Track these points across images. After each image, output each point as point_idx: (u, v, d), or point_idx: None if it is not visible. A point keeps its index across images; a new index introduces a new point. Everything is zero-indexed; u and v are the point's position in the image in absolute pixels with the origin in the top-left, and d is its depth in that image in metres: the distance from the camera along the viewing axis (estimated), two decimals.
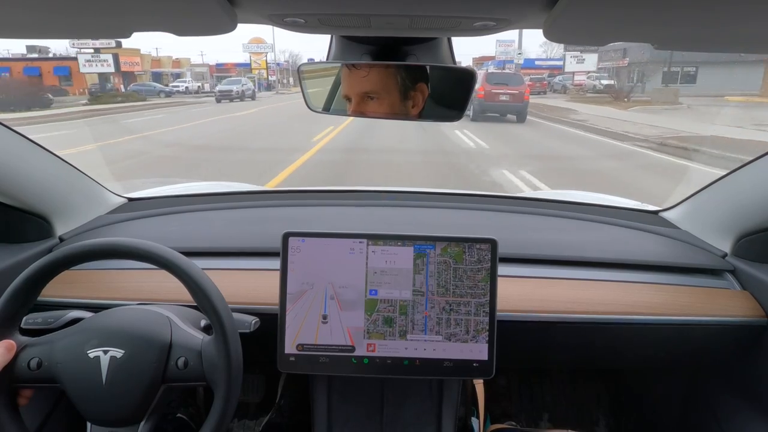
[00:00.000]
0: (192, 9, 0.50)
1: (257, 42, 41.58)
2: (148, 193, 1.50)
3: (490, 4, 0.52)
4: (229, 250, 1.13)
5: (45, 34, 0.63)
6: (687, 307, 1.00)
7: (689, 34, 0.55)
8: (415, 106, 0.82)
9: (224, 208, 1.36)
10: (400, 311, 0.89)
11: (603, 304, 1.00)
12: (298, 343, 0.89)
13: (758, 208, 1.01)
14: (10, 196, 1.02)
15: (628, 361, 1.19)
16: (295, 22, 0.58)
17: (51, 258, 0.74)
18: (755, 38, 0.56)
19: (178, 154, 8.33)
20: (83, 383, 0.71)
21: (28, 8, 0.49)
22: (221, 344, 0.73)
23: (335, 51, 0.82)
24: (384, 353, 0.89)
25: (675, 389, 1.33)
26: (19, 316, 0.75)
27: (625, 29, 0.53)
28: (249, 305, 0.96)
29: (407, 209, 1.38)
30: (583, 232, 1.27)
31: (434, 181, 6.22)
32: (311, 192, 1.52)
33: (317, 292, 0.89)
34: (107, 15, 0.53)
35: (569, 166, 7.55)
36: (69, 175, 1.17)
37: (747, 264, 1.07)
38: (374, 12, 0.55)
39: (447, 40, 0.82)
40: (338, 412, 1.06)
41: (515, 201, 1.44)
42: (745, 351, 1.04)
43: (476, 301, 0.89)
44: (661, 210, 1.35)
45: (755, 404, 1.06)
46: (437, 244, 0.89)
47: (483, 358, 0.89)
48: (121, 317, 0.77)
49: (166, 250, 0.75)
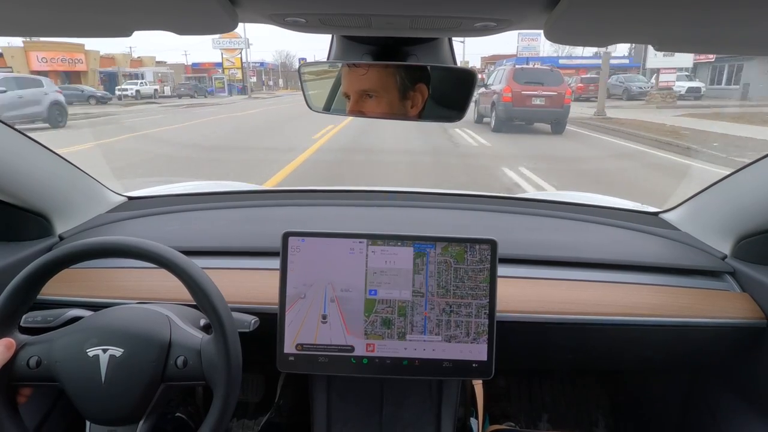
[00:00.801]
0: (192, 8, 0.50)
1: (230, 37, 37.39)
2: (148, 192, 1.50)
3: (491, 5, 0.52)
4: (229, 250, 1.13)
5: (44, 33, 0.63)
6: (687, 309, 1.00)
7: (690, 35, 0.55)
8: (414, 106, 0.82)
9: (224, 208, 1.36)
10: (399, 312, 0.89)
11: (603, 305, 1.00)
12: (298, 342, 0.89)
13: (758, 210, 1.01)
14: (10, 195, 1.02)
15: (628, 362, 1.19)
16: (296, 22, 0.58)
17: (51, 256, 0.74)
18: (756, 40, 0.56)
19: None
20: (82, 382, 0.71)
21: (28, 6, 0.49)
22: (221, 343, 0.73)
23: (336, 51, 0.82)
24: (383, 353, 0.89)
25: (674, 390, 1.33)
26: (18, 314, 0.75)
27: (627, 30, 0.53)
28: (248, 305, 0.96)
29: (407, 209, 1.38)
30: (583, 233, 1.27)
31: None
32: (311, 192, 1.52)
33: (317, 291, 0.89)
34: (107, 13, 0.53)
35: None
36: (69, 174, 1.17)
37: (747, 266, 1.07)
38: (375, 12, 0.55)
39: (448, 40, 0.82)
40: (337, 412, 1.06)
41: (515, 201, 1.44)
42: (745, 352, 1.04)
43: (477, 303, 0.89)
44: (660, 211, 1.35)
45: (754, 405, 1.06)
46: (437, 244, 0.89)
47: (482, 359, 0.89)
48: (120, 316, 0.77)
49: (166, 249, 0.75)
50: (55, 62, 28.34)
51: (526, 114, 10.70)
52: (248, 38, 38.33)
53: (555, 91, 10.46)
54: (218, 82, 40.32)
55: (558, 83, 10.74)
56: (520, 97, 10.42)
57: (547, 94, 10.43)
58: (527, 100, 10.43)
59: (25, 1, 0.47)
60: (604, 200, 1.58)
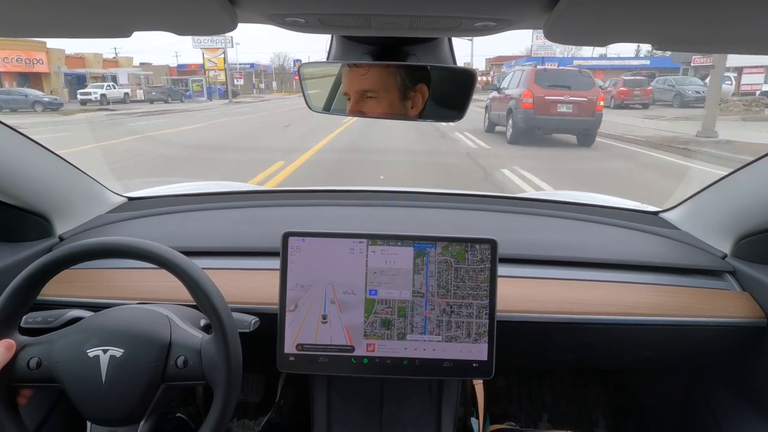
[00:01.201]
0: (192, 8, 0.50)
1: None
2: (148, 192, 1.50)
3: (491, 5, 0.52)
4: (229, 250, 1.13)
5: (44, 33, 0.63)
6: (687, 308, 1.00)
7: (690, 35, 0.55)
8: (414, 106, 0.82)
9: (224, 208, 1.36)
10: (399, 313, 0.89)
11: (603, 304, 1.00)
12: (298, 342, 0.89)
13: (758, 209, 1.01)
14: (11, 195, 1.02)
15: (628, 361, 1.19)
16: (296, 22, 0.58)
17: (51, 257, 0.74)
18: (756, 38, 0.56)
19: None
20: (83, 382, 0.71)
21: (27, 6, 0.49)
22: (221, 343, 0.73)
23: (335, 51, 0.82)
24: (383, 353, 0.89)
25: (674, 390, 1.33)
26: (18, 315, 0.75)
27: (626, 29, 0.53)
28: (249, 305, 0.96)
29: (407, 209, 1.38)
30: (583, 233, 1.27)
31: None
32: (311, 192, 1.52)
33: (317, 292, 0.89)
34: (107, 14, 0.53)
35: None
36: (69, 175, 1.17)
37: (747, 265, 1.07)
38: (375, 12, 0.55)
39: (447, 40, 0.82)
40: (338, 411, 1.06)
41: (515, 201, 1.44)
42: (745, 352, 1.04)
43: (478, 303, 0.89)
44: (661, 211, 1.35)
45: (755, 405, 1.06)
46: (437, 243, 0.89)
47: (483, 359, 0.89)
48: (120, 316, 0.77)
49: (166, 250, 0.75)
50: (9, 62, 25.24)
51: (549, 123, 9.02)
52: (233, 37, 34.70)
53: (585, 97, 8.83)
54: (196, 85, 35.82)
55: (588, 87, 9.11)
56: (544, 103, 8.78)
57: (575, 99, 8.80)
58: (551, 107, 8.80)
59: (24, 2, 0.47)
60: (604, 200, 1.57)
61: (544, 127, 9.21)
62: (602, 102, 9.20)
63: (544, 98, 8.86)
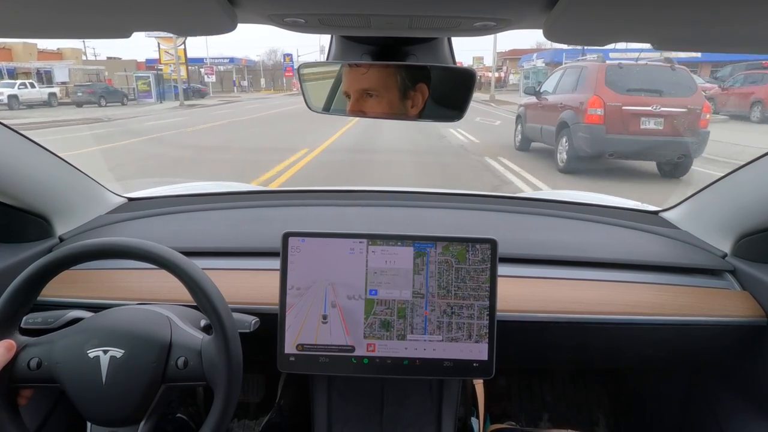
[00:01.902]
0: (192, 9, 0.50)
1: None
2: (148, 193, 1.50)
3: (490, 5, 0.52)
4: (229, 250, 1.13)
5: (43, 34, 0.63)
6: (687, 308, 1.00)
7: (690, 35, 0.55)
8: (414, 106, 0.82)
9: (224, 208, 1.36)
10: (398, 314, 0.89)
11: (603, 304, 1.00)
12: (298, 343, 0.89)
13: (758, 209, 1.01)
14: (11, 196, 1.02)
15: (628, 361, 1.19)
16: (296, 23, 0.58)
17: (51, 258, 0.74)
18: (756, 38, 0.56)
19: None
20: (83, 383, 0.71)
21: (26, 7, 0.49)
22: (221, 344, 0.73)
23: (335, 51, 0.82)
24: (384, 353, 0.89)
25: (675, 389, 1.33)
26: (19, 315, 0.75)
27: (626, 29, 0.53)
28: (249, 305, 0.96)
29: (407, 209, 1.38)
30: (583, 233, 1.27)
31: None
32: (311, 192, 1.52)
33: (317, 292, 0.89)
34: (106, 14, 0.53)
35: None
36: (69, 175, 1.17)
37: (747, 264, 1.07)
38: (374, 12, 0.55)
39: (447, 40, 0.82)
40: (338, 412, 1.06)
41: (515, 201, 1.44)
42: (745, 351, 1.04)
43: (479, 304, 0.89)
44: (661, 210, 1.35)
45: (755, 404, 1.06)
46: (438, 243, 0.89)
47: (483, 358, 0.89)
48: (120, 317, 0.77)
49: (166, 250, 0.75)
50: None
51: (628, 145, 6.07)
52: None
53: (683, 106, 5.94)
54: (141, 83, 26.52)
55: (687, 91, 6.09)
56: (620, 115, 5.94)
57: (669, 111, 5.89)
58: (632, 121, 5.92)
59: (24, 2, 0.47)
60: (604, 199, 1.58)
61: (619, 150, 6.25)
62: (709, 114, 6.17)
63: (622, 108, 5.99)
